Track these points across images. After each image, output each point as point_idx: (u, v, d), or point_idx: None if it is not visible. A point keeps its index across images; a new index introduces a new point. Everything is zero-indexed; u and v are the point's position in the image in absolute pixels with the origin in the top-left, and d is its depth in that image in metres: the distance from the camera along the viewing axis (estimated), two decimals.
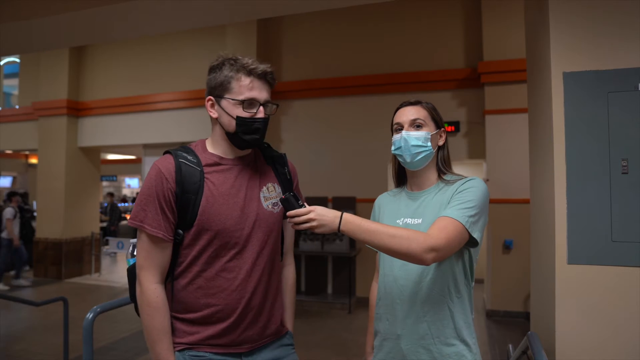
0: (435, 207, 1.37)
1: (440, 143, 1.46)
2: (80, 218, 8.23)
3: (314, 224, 1.23)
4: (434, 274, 1.35)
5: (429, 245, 1.17)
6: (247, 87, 1.31)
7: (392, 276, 1.42)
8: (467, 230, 1.25)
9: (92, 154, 8.58)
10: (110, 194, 11.44)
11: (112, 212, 10.85)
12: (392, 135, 1.47)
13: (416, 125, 1.42)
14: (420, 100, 1.48)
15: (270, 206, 1.40)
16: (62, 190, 7.91)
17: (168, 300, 1.34)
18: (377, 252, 1.55)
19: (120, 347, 4.48)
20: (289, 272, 1.57)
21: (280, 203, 1.28)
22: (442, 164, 1.46)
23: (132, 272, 1.41)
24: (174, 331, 1.34)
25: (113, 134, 8.00)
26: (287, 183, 1.48)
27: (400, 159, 1.44)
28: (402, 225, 1.41)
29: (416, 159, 1.40)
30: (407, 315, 1.37)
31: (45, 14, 3.58)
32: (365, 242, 1.24)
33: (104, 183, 16.38)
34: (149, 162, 8.01)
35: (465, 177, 1.40)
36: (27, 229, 8.68)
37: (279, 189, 1.45)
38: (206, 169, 1.34)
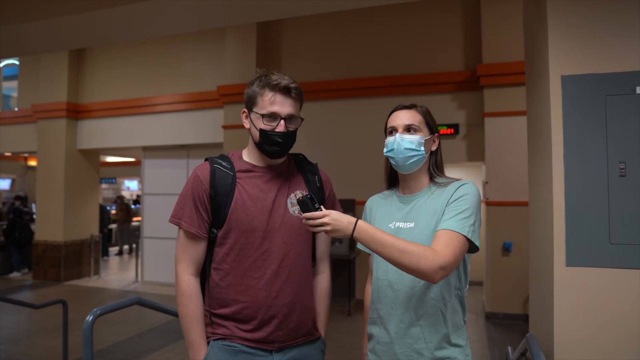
0: (428, 212, 1.38)
1: (433, 148, 1.47)
2: (80, 220, 8.23)
3: (327, 228, 1.25)
4: None
5: (438, 264, 1.20)
6: (269, 102, 1.41)
7: (386, 280, 1.43)
8: (469, 240, 1.28)
9: (92, 156, 8.58)
10: None
11: (102, 215, 10.71)
12: (386, 137, 1.48)
13: (411, 130, 1.42)
14: (415, 104, 1.48)
15: (297, 212, 1.47)
16: (62, 193, 7.91)
17: (204, 294, 1.46)
18: (370, 254, 1.56)
19: (119, 349, 4.47)
20: (323, 280, 1.62)
21: (299, 204, 1.32)
22: (434, 168, 1.47)
23: None
24: (209, 323, 1.45)
25: (112, 136, 8.01)
26: (317, 191, 1.56)
27: (392, 162, 1.45)
28: (393, 229, 1.42)
29: (408, 163, 1.41)
30: (401, 319, 1.38)
31: (45, 16, 3.58)
32: (376, 252, 1.25)
33: (103, 185, 16.36)
34: (148, 165, 8.02)
35: (457, 180, 1.41)
36: (25, 232, 8.70)
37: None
38: (239, 174, 1.46)
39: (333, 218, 1.25)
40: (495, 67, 5.51)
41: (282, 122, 1.42)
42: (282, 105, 1.42)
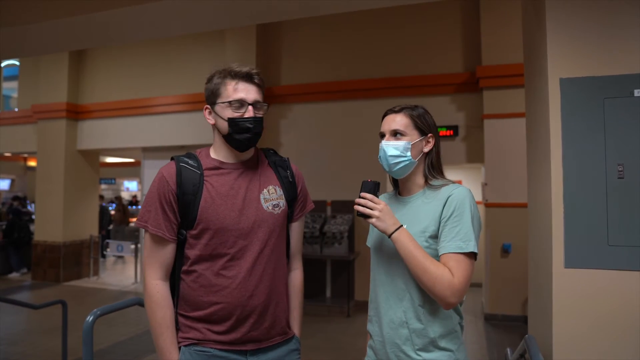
0: (420, 216, 1.39)
1: (426, 150, 1.44)
2: (79, 221, 8.23)
3: (376, 214, 1.31)
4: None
5: (450, 292, 1.26)
6: (233, 90, 1.39)
7: (379, 281, 1.45)
8: (475, 253, 1.32)
9: (91, 156, 8.58)
10: (99, 197, 11.12)
11: (103, 216, 10.67)
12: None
13: (397, 135, 1.42)
14: (406, 107, 1.45)
15: (270, 207, 1.44)
16: (61, 193, 7.90)
17: (175, 298, 1.41)
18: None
19: (118, 350, 4.47)
20: (296, 276, 1.60)
21: (362, 184, 1.36)
22: (430, 170, 1.45)
23: None
24: (180, 327, 1.41)
25: (112, 137, 8.01)
26: (289, 185, 1.52)
27: (383, 167, 1.46)
28: None
29: (394, 169, 1.42)
30: (392, 319, 1.40)
31: (46, 18, 3.59)
32: (403, 259, 1.32)
33: (103, 186, 16.38)
34: (148, 165, 8.02)
35: (449, 184, 1.41)
36: (24, 232, 8.69)
37: (280, 192, 1.48)
38: (206, 172, 1.41)
39: (385, 211, 1.33)
40: (495, 69, 5.52)
41: (250, 107, 1.39)
42: (247, 91, 1.40)
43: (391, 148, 1.40)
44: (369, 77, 6.30)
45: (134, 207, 14.18)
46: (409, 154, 1.40)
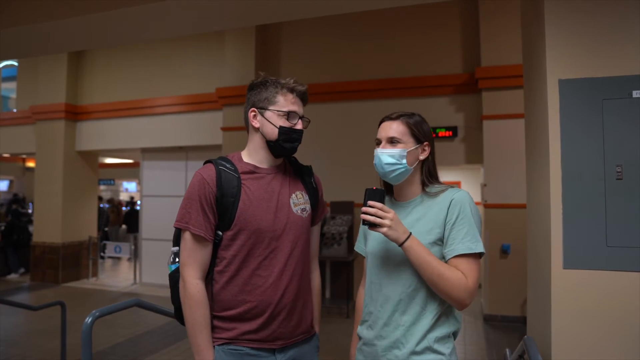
0: (423, 220, 1.40)
1: (422, 157, 1.45)
2: (78, 222, 8.22)
3: (387, 222, 1.29)
4: (419, 285, 1.38)
5: (466, 294, 1.30)
6: (290, 102, 1.50)
7: (378, 284, 1.45)
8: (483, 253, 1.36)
9: (90, 157, 8.58)
10: (99, 198, 11.10)
11: (100, 216, 10.65)
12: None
13: (393, 142, 1.43)
14: (403, 114, 1.46)
15: (299, 211, 1.53)
16: (60, 194, 7.90)
17: (208, 299, 1.44)
18: (364, 257, 1.58)
19: (117, 351, 4.47)
20: (316, 277, 1.69)
21: (366, 192, 1.35)
22: (427, 176, 1.47)
23: (173, 278, 1.52)
24: (213, 328, 1.45)
25: (111, 137, 8.01)
26: (313, 191, 1.62)
27: (379, 174, 1.48)
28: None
29: (390, 176, 1.43)
30: (386, 323, 1.41)
31: (46, 19, 3.59)
32: (416, 267, 1.33)
33: (102, 187, 16.34)
34: (147, 166, 8.02)
35: (447, 188, 1.43)
36: (23, 233, 8.68)
37: (306, 197, 1.59)
38: (243, 176, 1.48)
39: (395, 220, 1.31)
40: (494, 70, 5.53)
41: (300, 120, 1.51)
42: (299, 106, 1.52)
43: (386, 156, 1.42)
44: (369, 78, 6.31)
45: (128, 207, 14.12)
46: (404, 161, 1.41)
